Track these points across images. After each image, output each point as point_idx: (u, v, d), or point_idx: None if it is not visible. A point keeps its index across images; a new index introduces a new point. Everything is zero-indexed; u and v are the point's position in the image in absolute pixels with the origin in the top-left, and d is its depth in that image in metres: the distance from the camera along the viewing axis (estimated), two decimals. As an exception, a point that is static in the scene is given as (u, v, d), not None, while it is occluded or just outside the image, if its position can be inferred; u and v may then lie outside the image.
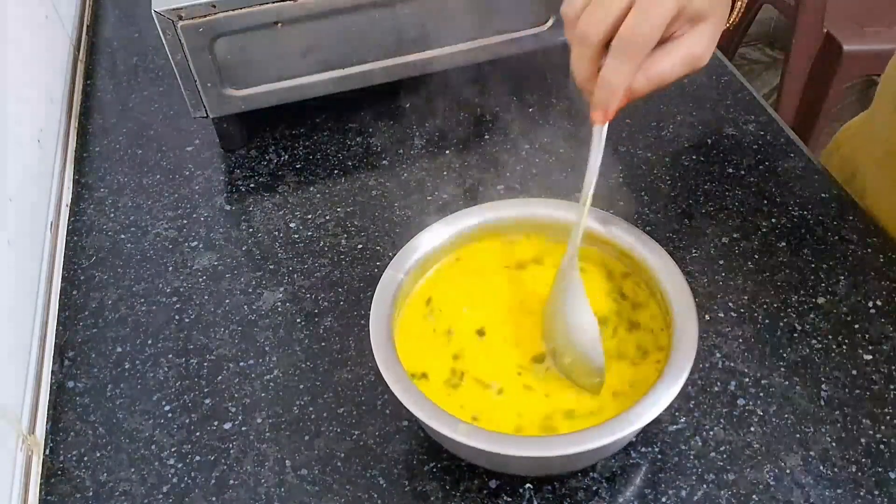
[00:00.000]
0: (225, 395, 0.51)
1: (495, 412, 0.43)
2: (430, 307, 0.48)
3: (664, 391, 0.40)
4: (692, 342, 0.42)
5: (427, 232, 0.49)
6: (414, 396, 0.41)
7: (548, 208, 0.50)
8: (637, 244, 0.47)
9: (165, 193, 0.65)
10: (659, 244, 0.47)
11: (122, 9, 0.90)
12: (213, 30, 0.59)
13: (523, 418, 0.43)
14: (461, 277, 0.49)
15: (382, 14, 0.62)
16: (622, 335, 0.46)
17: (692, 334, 0.42)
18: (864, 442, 0.46)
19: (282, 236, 0.60)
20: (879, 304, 0.52)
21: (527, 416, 0.43)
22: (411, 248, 0.48)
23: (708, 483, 0.44)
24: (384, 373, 0.41)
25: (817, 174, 0.61)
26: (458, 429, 0.39)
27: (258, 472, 0.47)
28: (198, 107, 0.63)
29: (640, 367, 0.44)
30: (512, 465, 0.44)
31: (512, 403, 0.43)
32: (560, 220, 0.49)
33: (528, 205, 0.51)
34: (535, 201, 0.52)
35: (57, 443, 0.49)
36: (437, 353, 0.46)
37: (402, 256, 0.48)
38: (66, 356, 0.54)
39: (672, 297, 0.44)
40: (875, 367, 0.49)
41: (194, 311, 0.56)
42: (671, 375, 0.40)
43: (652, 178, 0.62)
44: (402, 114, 0.70)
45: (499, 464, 0.44)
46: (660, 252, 0.47)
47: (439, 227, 0.49)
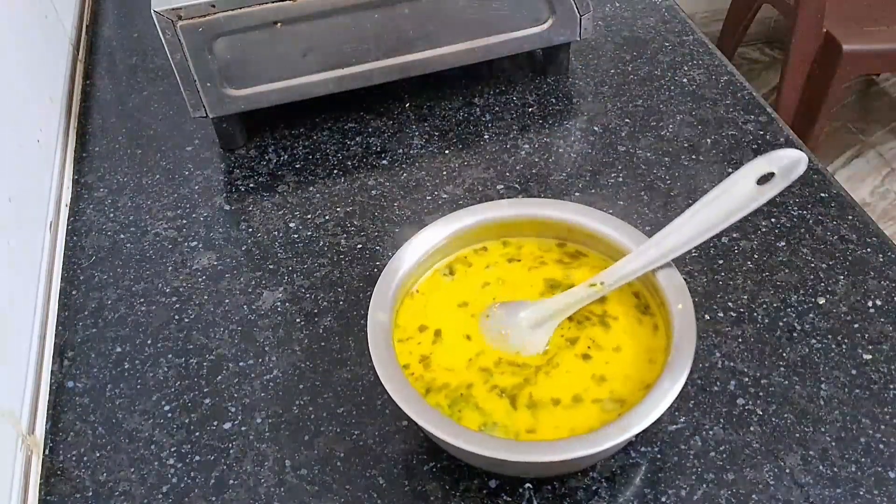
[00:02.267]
0: (225, 395, 0.51)
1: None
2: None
3: (664, 391, 0.40)
4: (691, 342, 0.41)
5: (426, 231, 0.49)
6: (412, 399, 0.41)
7: (548, 208, 0.50)
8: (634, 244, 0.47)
9: (165, 193, 0.65)
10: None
11: (122, 9, 0.90)
12: (212, 30, 0.59)
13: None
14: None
15: (382, 14, 0.62)
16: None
17: (691, 334, 0.42)
18: (863, 441, 0.46)
19: (281, 236, 0.60)
20: (879, 303, 0.52)
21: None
22: (410, 247, 0.48)
23: (707, 483, 0.44)
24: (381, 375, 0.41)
25: (817, 174, 0.61)
26: (457, 434, 0.39)
27: (258, 472, 0.47)
28: (197, 107, 0.63)
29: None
30: (510, 468, 0.44)
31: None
32: (560, 219, 0.49)
33: (528, 205, 0.51)
34: (535, 201, 0.52)
35: (57, 443, 0.49)
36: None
37: (401, 256, 0.48)
38: (66, 356, 0.54)
39: (670, 296, 0.44)
40: (875, 367, 0.49)
41: (194, 311, 0.56)
42: (671, 375, 0.40)
43: (652, 178, 0.62)
44: (401, 114, 0.70)
45: (497, 466, 0.44)
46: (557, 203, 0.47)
47: (438, 226, 0.49)
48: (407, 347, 0.46)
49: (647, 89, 0.70)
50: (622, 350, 0.45)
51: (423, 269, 0.49)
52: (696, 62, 0.73)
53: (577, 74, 0.73)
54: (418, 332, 0.46)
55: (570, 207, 0.50)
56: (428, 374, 0.44)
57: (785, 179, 0.43)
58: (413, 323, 0.47)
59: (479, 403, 0.43)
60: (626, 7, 0.80)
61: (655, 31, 0.77)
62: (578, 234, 0.49)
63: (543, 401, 0.43)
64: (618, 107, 0.69)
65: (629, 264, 0.45)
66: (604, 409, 0.42)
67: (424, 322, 0.47)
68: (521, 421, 0.42)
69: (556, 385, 0.43)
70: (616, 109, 0.69)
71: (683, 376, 0.40)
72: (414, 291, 0.48)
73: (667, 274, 0.45)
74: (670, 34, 0.76)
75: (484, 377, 0.44)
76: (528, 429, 0.42)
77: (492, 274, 0.49)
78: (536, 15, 0.67)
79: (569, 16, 0.67)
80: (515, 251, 0.50)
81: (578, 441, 0.39)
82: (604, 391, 0.43)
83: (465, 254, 0.50)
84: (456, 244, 0.50)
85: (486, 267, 0.49)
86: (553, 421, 0.42)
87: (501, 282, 0.49)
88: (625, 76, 0.72)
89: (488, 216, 0.50)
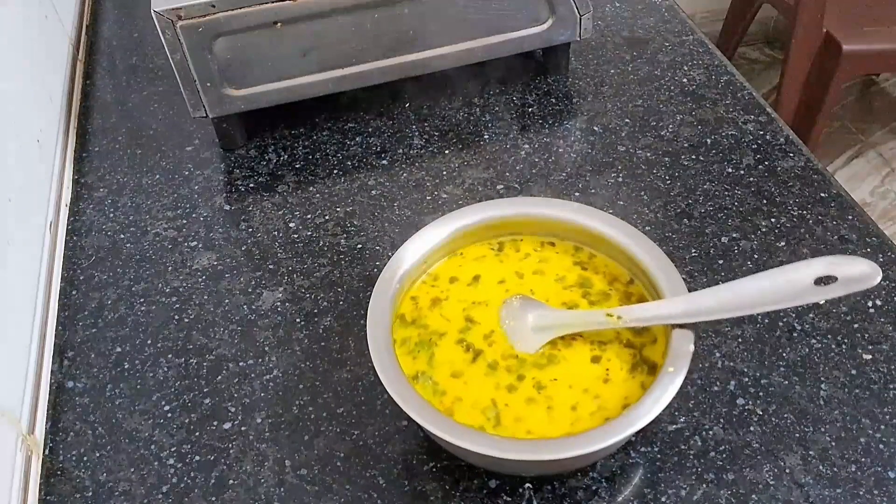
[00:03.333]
0: (224, 395, 0.51)
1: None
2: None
3: (662, 391, 0.40)
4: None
5: (426, 231, 0.49)
6: (412, 399, 0.41)
7: (548, 208, 0.50)
8: (633, 244, 0.47)
9: (165, 193, 0.65)
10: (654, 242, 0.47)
11: (122, 8, 0.90)
12: (212, 30, 0.59)
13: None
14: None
15: (382, 14, 0.62)
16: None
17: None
18: (863, 441, 0.46)
19: (281, 236, 0.60)
20: (879, 303, 0.52)
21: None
22: (410, 247, 0.48)
23: (707, 483, 0.44)
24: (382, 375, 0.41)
25: (817, 174, 0.61)
26: (456, 433, 0.39)
27: (258, 472, 0.47)
28: (197, 107, 0.63)
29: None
30: (509, 467, 0.44)
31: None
32: (560, 219, 0.49)
33: (529, 204, 0.51)
34: (536, 201, 0.52)
35: (56, 443, 0.49)
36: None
37: (401, 256, 0.48)
38: (66, 356, 0.54)
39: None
40: (874, 367, 0.49)
41: (194, 311, 0.56)
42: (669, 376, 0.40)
43: (652, 178, 0.62)
44: (401, 114, 0.70)
45: (495, 464, 0.44)
46: (655, 250, 0.46)
47: (438, 226, 0.49)
48: (425, 287, 0.48)
49: (647, 89, 0.70)
50: (592, 393, 0.43)
51: (423, 269, 0.49)
52: (696, 62, 0.73)
53: (577, 74, 0.73)
54: (448, 281, 0.49)
55: (572, 207, 0.50)
56: (426, 313, 0.46)
57: (845, 289, 0.38)
58: (451, 269, 0.49)
59: (440, 351, 0.45)
60: (626, 7, 0.80)
61: (655, 31, 0.77)
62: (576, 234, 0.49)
63: (517, 386, 0.44)
64: (618, 107, 0.69)
65: (652, 309, 0.43)
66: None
67: (458, 275, 0.49)
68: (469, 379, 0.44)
69: (532, 385, 0.44)
70: (616, 109, 0.69)
71: (682, 376, 0.40)
72: (459, 254, 0.50)
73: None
74: (670, 34, 0.76)
75: (464, 331, 0.46)
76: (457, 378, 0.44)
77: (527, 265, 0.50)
78: (536, 15, 0.67)
79: (569, 16, 0.67)
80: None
81: (578, 441, 0.39)
82: (573, 396, 0.43)
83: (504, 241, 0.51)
84: (456, 244, 0.50)
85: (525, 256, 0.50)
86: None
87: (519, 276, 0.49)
88: (625, 76, 0.72)
89: (489, 215, 0.50)
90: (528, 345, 0.45)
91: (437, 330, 0.46)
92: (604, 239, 0.48)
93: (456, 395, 0.43)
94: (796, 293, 0.40)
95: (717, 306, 0.41)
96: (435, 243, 0.49)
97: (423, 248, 0.48)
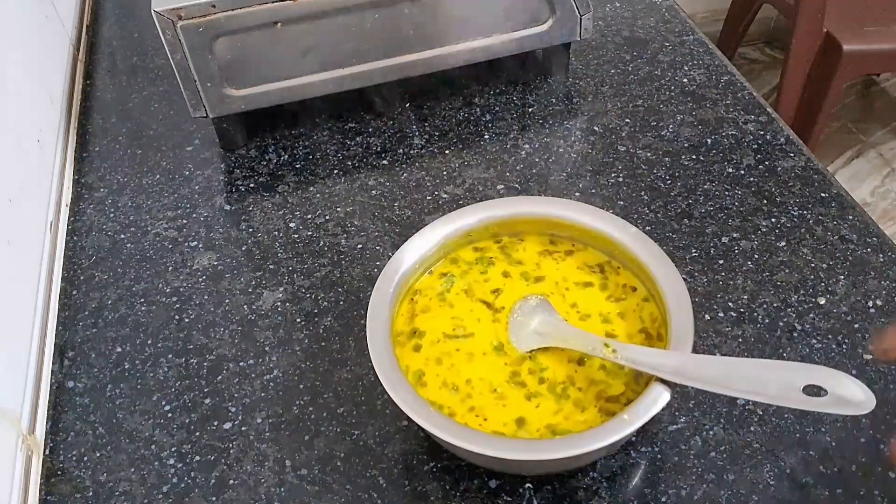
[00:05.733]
0: (225, 394, 0.51)
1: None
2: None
3: (661, 391, 0.40)
4: (688, 342, 0.41)
5: (426, 231, 0.49)
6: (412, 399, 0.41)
7: (547, 207, 0.50)
8: (631, 243, 0.47)
9: (165, 193, 0.65)
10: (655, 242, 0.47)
11: (122, 9, 0.90)
12: (212, 29, 0.59)
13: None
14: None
15: (382, 14, 0.62)
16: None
17: (689, 334, 0.42)
18: (863, 442, 0.46)
19: (281, 236, 0.60)
20: (879, 303, 0.52)
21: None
22: (410, 247, 0.48)
23: (708, 483, 0.44)
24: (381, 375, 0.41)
25: (817, 174, 0.61)
26: (456, 433, 0.39)
27: (258, 472, 0.47)
28: (197, 107, 0.63)
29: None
30: (509, 466, 0.44)
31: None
32: (561, 219, 0.49)
33: (529, 204, 0.51)
34: (536, 200, 0.52)
35: (57, 443, 0.49)
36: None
37: (401, 256, 0.48)
38: (66, 356, 0.54)
39: (668, 295, 0.44)
40: (875, 367, 0.49)
41: (194, 311, 0.56)
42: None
43: (652, 178, 0.62)
44: (401, 114, 0.70)
45: (495, 463, 0.44)
46: (657, 251, 0.46)
47: (438, 226, 0.49)
48: (437, 278, 0.49)
49: (647, 89, 0.70)
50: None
51: (423, 269, 0.49)
52: (696, 62, 0.73)
53: (577, 74, 0.73)
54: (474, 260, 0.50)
55: (571, 206, 0.50)
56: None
57: (834, 408, 0.37)
58: (471, 254, 0.50)
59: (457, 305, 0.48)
60: (626, 7, 0.80)
61: (655, 31, 0.77)
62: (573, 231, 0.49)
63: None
64: (618, 107, 0.69)
65: (647, 356, 0.42)
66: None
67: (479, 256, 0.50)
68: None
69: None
70: (616, 109, 0.69)
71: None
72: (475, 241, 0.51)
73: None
74: (670, 34, 0.76)
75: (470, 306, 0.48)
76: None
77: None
78: (536, 15, 0.67)
79: (569, 16, 0.67)
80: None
81: (574, 440, 0.39)
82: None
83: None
84: (456, 244, 0.50)
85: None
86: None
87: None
88: (625, 76, 0.72)
89: (489, 215, 0.50)
90: (522, 343, 0.46)
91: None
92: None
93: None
94: (782, 390, 0.38)
95: (706, 378, 0.40)
96: (435, 243, 0.49)
97: (423, 248, 0.48)
